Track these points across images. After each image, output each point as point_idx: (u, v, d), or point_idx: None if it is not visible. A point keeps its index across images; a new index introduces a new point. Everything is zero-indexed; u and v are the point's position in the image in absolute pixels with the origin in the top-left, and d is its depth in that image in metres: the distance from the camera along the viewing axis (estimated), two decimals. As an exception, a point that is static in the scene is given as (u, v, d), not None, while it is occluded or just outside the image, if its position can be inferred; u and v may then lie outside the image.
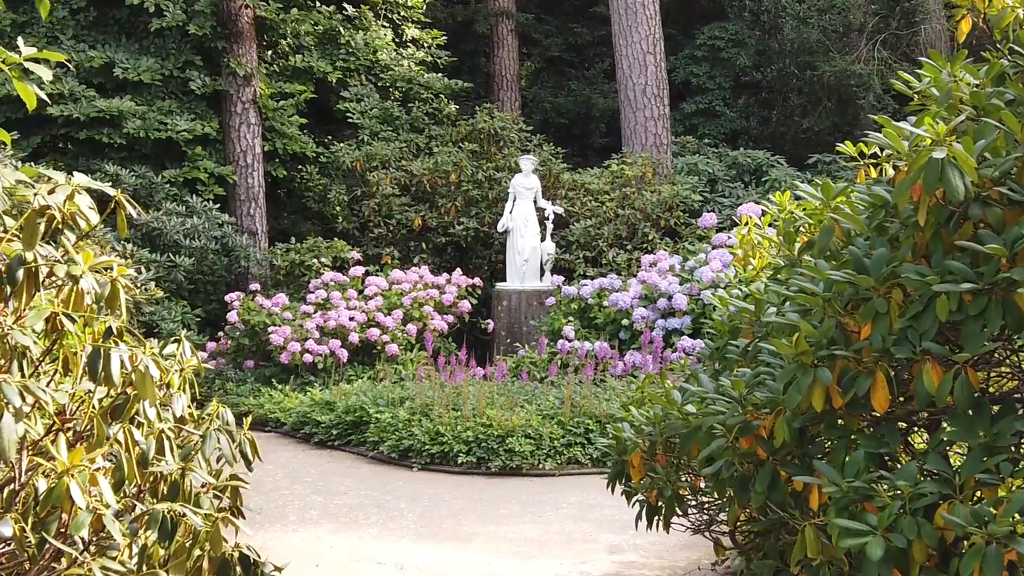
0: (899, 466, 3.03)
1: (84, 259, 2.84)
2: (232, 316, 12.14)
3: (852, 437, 2.93)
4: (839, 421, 3.00)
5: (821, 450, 3.11)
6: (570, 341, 11.61)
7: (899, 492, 2.59)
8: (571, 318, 12.17)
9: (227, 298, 12.52)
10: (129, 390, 2.77)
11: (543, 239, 13.23)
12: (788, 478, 3.13)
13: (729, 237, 12.16)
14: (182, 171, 13.97)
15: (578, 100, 20.16)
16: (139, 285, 9.15)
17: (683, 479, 4.59)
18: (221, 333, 12.53)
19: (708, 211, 13.76)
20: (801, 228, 3.90)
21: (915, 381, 2.77)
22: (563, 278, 12.98)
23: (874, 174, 4.72)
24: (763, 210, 4.92)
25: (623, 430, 4.58)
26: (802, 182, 14.30)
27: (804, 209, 4.79)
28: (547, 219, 13.28)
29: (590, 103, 20.02)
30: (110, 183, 12.74)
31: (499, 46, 19.55)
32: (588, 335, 11.90)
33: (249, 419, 3.81)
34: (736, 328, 4.38)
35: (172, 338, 3.39)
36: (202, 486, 3.00)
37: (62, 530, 2.51)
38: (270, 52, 15.75)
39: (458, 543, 6.62)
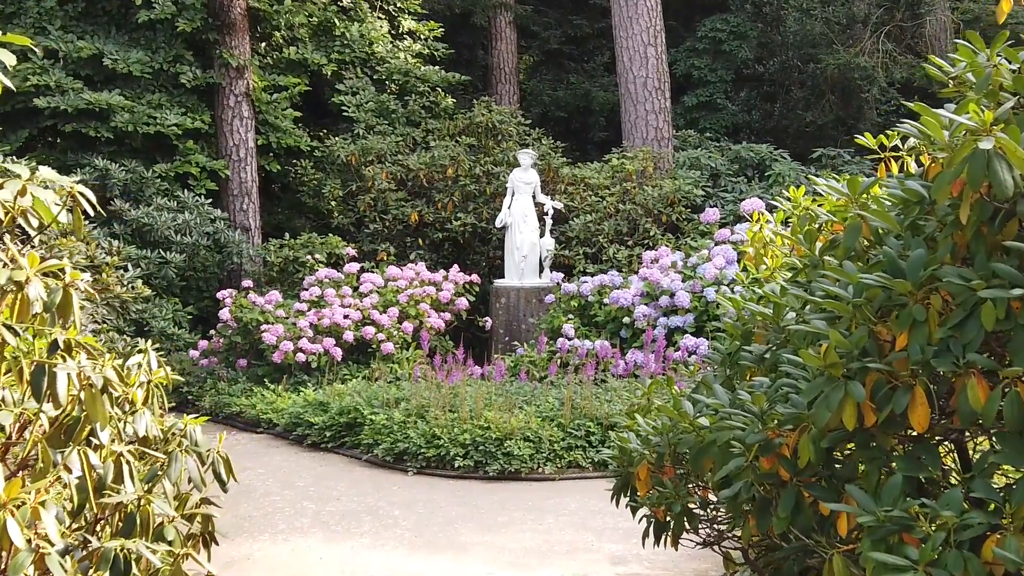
0: (933, 489, 2.75)
1: (30, 262, 2.54)
2: (224, 314, 11.85)
3: (887, 458, 2.66)
4: (872, 440, 2.72)
5: (851, 471, 2.83)
6: (570, 340, 11.33)
7: (942, 522, 2.32)
8: (571, 316, 11.88)
9: (219, 295, 12.24)
10: (79, 410, 2.49)
11: (542, 235, 12.95)
12: (813, 501, 2.85)
13: (733, 233, 11.89)
14: (173, 165, 13.69)
15: (577, 93, 19.86)
16: (126, 283, 8.85)
17: (692, 490, 4.32)
18: (213, 331, 12.25)
19: (711, 206, 13.48)
20: (822, 226, 3.63)
21: (958, 397, 2.49)
22: (563, 275, 12.70)
23: (895, 168, 4.44)
24: (774, 206, 4.62)
25: (628, 440, 4.30)
26: (806, 177, 14.00)
27: (820, 205, 4.51)
28: (546, 214, 12.99)
29: (590, 96, 19.72)
30: (99, 177, 12.55)
31: (497, 38, 19.24)
32: (588, 333, 11.62)
33: (222, 437, 3.52)
34: (749, 332, 4.10)
35: (137, 348, 3.10)
36: (171, 518, 2.71)
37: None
38: (263, 44, 15.45)
39: (455, 553, 6.34)
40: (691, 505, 4.14)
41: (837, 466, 2.85)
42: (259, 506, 7.43)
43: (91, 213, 2.81)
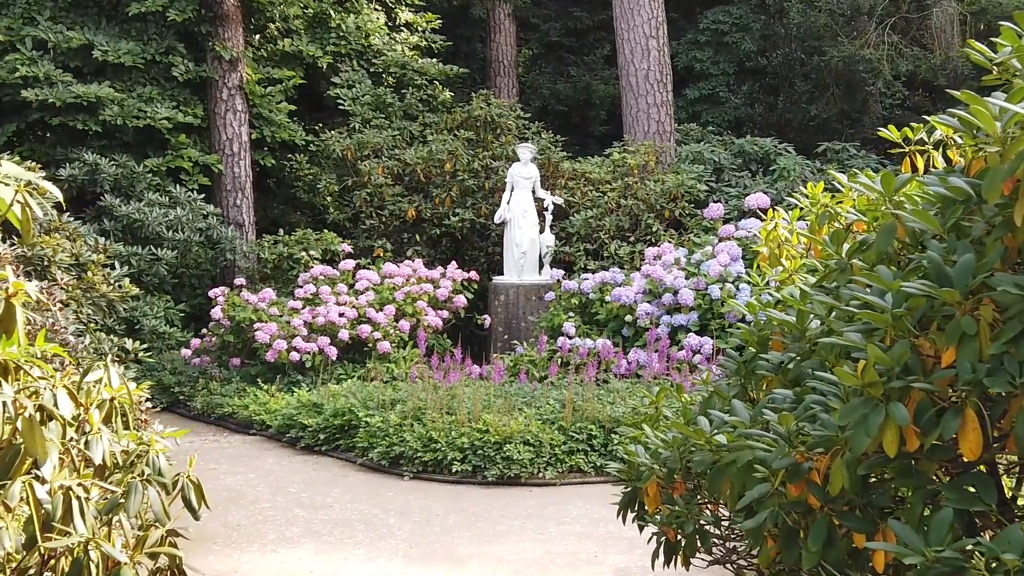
0: (983, 523, 2.47)
1: (-34, 271, 2.26)
2: (216, 312, 11.56)
3: (934, 488, 2.38)
4: (914, 468, 2.44)
5: (888, 499, 2.55)
6: (571, 338, 11.05)
7: (1005, 566, 2.04)
8: (571, 314, 11.60)
9: (211, 293, 11.95)
10: (17, 438, 2.21)
11: (542, 231, 12.66)
12: (846, 532, 2.57)
13: (737, 229, 11.61)
14: (165, 160, 13.40)
15: (578, 87, 19.56)
16: (113, 282, 8.56)
17: (703, 505, 4.05)
18: (206, 329, 11.96)
19: (714, 201, 13.20)
20: (848, 226, 3.34)
21: (1016, 421, 2.21)
22: (563, 272, 12.42)
23: (920, 164, 4.16)
24: (780, 201, 4.33)
25: (636, 454, 4.02)
26: (812, 172, 13.73)
27: (839, 202, 4.24)
28: (546, 210, 12.70)
29: (590, 90, 19.42)
30: (89, 172, 12.26)
31: (496, 31, 18.93)
32: (589, 332, 11.34)
33: (192, 460, 3.24)
34: (766, 339, 3.82)
35: (98, 362, 2.82)
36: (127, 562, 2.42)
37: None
38: (257, 36, 15.15)
39: (452, 566, 6.06)
40: (703, 523, 3.88)
41: (875, 496, 2.57)
42: (249, 513, 7.16)
43: (39, 214, 2.51)
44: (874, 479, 2.64)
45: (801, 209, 4.62)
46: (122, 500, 2.49)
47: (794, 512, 2.65)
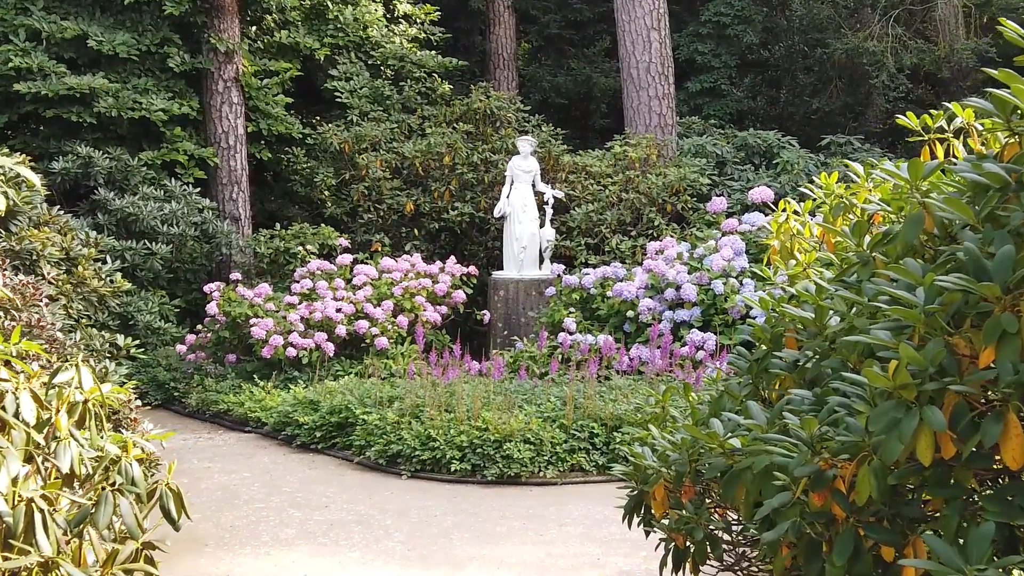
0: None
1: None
2: (212, 307, 11.37)
3: (972, 499, 2.20)
4: (950, 477, 2.26)
5: (919, 510, 2.37)
6: (572, 334, 10.87)
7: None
8: (572, 309, 11.42)
9: (206, 288, 11.75)
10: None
11: (542, 225, 12.48)
12: (873, 544, 2.39)
13: (740, 223, 11.43)
14: (160, 153, 13.21)
15: (578, 79, 19.35)
16: (104, 277, 8.37)
17: (711, 508, 3.88)
18: (201, 325, 11.78)
19: (717, 195, 13.00)
20: (872, 218, 3.17)
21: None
22: (563, 266, 12.23)
23: (940, 152, 3.98)
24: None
25: (643, 456, 3.84)
26: (816, 165, 13.55)
27: (853, 193, 4.06)
28: (546, 204, 12.51)
29: (591, 82, 19.21)
30: (82, 165, 12.06)
31: (495, 23, 18.71)
32: (590, 328, 11.15)
33: (172, 467, 3.06)
34: (779, 336, 3.64)
35: (69, 361, 2.63)
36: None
37: None
38: (254, 28, 14.95)
39: (450, 569, 5.89)
40: (714, 529, 3.71)
41: (905, 506, 2.39)
42: (243, 514, 6.98)
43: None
44: (904, 488, 2.46)
45: (813, 200, 4.45)
46: (93, 511, 2.31)
47: (817, 523, 2.47)
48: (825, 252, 4.34)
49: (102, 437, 2.43)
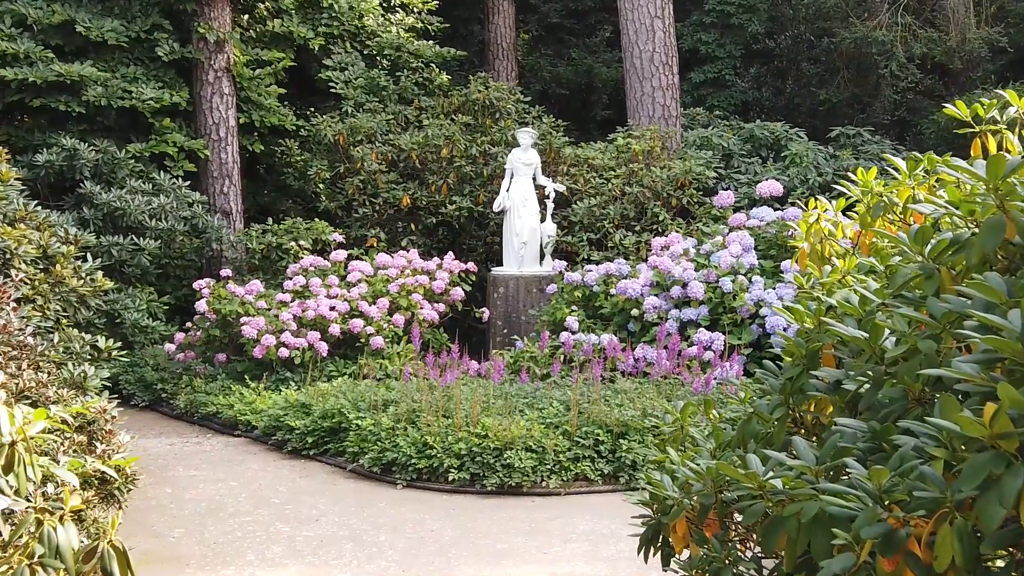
0: None
1: None
2: (201, 305, 10.95)
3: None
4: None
5: (1010, 578, 1.98)
6: (574, 333, 10.47)
7: None
8: (574, 307, 11.01)
9: (196, 285, 11.34)
10: None
11: (543, 220, 12.07)
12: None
13: (748, 217, 11.03)
14: (148, 145, 12.80)
15: (579, 70, 18.92)
16: (84, 275, 7.96)
17: (732, 541, 3.50)
18: (190, 323, 11.37)
19: (724, 189, 12.62)
20: (938, 222, 2.77)
21: None
22: (565, 263, 11.81)
23: (992, 146, 3.58)
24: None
25: (662, 486, 3.44)
26: (825, 158, 13.16)
27: (892, 191, 3.67)
28: (547, 198, 12.10)
29: (592, 73, 18.79)
30: (67, 158, 11.64)
31: (494, 12, 18.26)
32: (593, 326, 10.75)
33: (115, 521, 2.65)
34: (815, 353, 3.24)
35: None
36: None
37: None
38: (246, 16, 14.52)
39: (447, 592, 5.50)
40: (743, 570, 3.32)
41: (992, 571, 2.00)
42: (227, 529, 6.58)
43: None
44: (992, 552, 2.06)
45: (847, 198, 4.05)
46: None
47: (886, 591, 2.07)
48: (858, 255, 3.95)
49: (33, 483, 2.04)
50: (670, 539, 3.56)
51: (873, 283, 3.24)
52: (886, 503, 2.04)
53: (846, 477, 2.48)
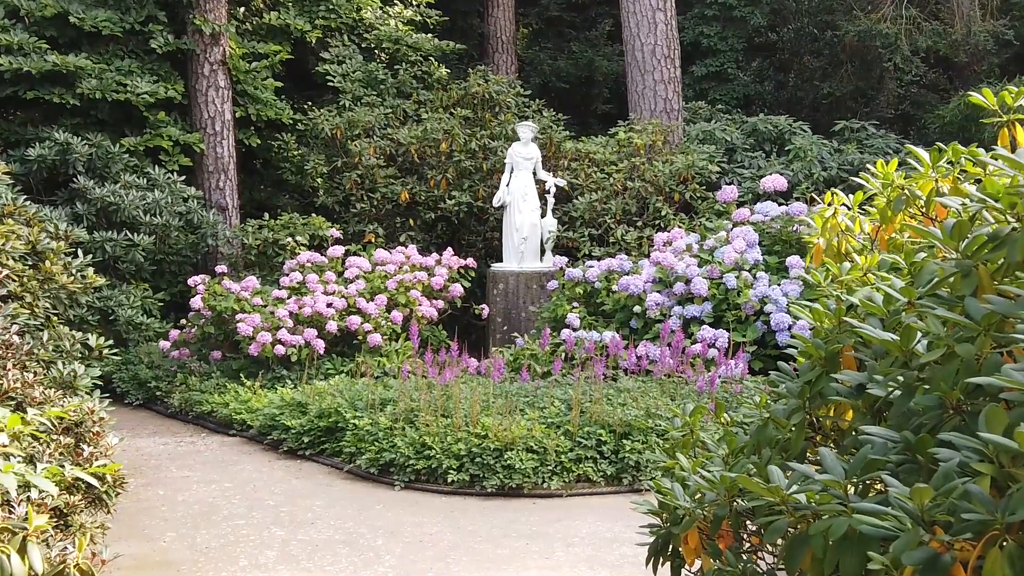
0: None
1: None
2: (196, 302, 10.76)
3: None
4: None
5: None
6: (575, 331, 10.29)
7: None
8: (575, 304, 10.83)
9: (191, 281, 11.15)
10: None
11: (543, 215, 11.89)
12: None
13: (752, 212, 10.84)
14: (143, 139, 12.60)
15: (580, 63, 18.72)
16: (75, 271, 7.77)
17: (748, 552, 3.32)
18: (185, 320, 11.17)
19: (727, 183, 12.43)
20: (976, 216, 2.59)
21: None
22: (566, 259, 11.63)
23: (1021, 135, 3.39)
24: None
25: (674, 494, 3.26)
26: (830, 152, 12.97)
27: (915, 183, 3.51)
28: (548, 192, 11.92)
29: (593, 66, 18.58)
30: (60, 152, 11.44)
31: (494, 5, 18.05)
32: (595, 323, 10.57)
33: (82, 544, 2.47)
34: (835, 355, 3.06)
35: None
36: None
37: None
38: (242, 8, 14.32)
39: (446, 599, 5.32)
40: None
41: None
42: (220, 532, 6.40)
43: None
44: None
45: (864, 191, 3.88)
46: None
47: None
48: (877, 251, 3.78)
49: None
50: (680, 550, 3.40)
51: (898, 281, 3.06)
52: (930, 526, 1.86)
53: (877, 492, 2.30)
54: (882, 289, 2.93)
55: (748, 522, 3.21)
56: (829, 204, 3.94)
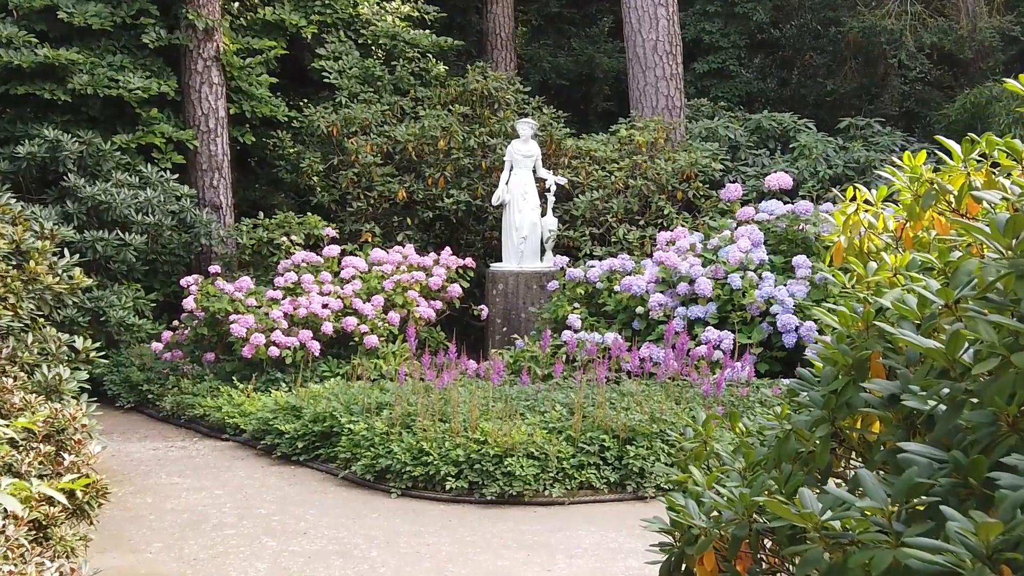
0: None
1: None
2: (189, 303, 10.53)
3: None
4: None
5: None
6: (576, 332, 10.05)
7: None
8: (577, 305, 10.60)
9: (183, 282, 10.92)
10: None
11: (544, 214, 11.66)
12: None
13: (757, 211, 10.61)
14: (135, 136, 12.35)
15: (580, 60, 18.48)
16: (60, 272, 7.53)
17: (766, 573, 3.09)
18: (178, 321, 10.93)
19: (731, 181, 12.19)
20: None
21: None
22: (567, 258, 11.39)
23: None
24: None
25: (688, 513, 3.03)
26: (835, 149, 12.75)
27: (943, 176, 3.29)
28: (548, 191, 11.68)
29: (593, 63, 18.34)
30: (50, 149, 11.19)
31: (493, 1, 17.79)
32: (596, 324, 10.34)
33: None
34: (863, 362, 2.82)
35: None
36: None
37: None
38: (236, 3, 14.08)
39: (444, 615, 5.08)
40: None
41: None
42: (209, 543, 6.16)
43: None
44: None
45: (888, 186, 3.64)
46: None
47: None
48: (901, 249, 3.56)
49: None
50: (695, 570, 3.16)
51: (934, 282, 2.82)
52: (997, 565, 1.62)
53: (925, 521, 2.06)
54: (915, 291, 2.70)
55: (766, 540, 2.99)
56: (852, 199, 3.71)
